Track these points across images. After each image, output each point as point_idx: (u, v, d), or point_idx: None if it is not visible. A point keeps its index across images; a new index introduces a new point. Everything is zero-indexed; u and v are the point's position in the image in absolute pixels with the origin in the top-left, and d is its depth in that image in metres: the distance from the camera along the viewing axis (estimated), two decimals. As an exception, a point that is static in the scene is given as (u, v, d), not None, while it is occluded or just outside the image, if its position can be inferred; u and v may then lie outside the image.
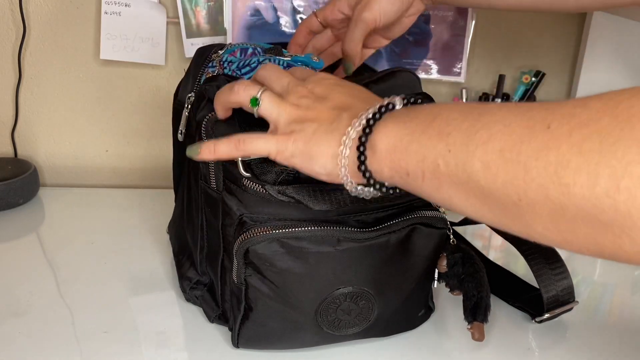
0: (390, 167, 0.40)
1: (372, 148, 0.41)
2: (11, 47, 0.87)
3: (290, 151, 0.44)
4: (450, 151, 0.36)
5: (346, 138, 0.42)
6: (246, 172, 0.50)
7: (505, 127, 0.33)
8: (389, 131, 0.40)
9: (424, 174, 0.38)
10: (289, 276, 0.52)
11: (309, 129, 0.44)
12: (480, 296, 0.55)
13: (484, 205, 0.35)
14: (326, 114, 0.44)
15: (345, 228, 0.51)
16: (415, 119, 0.39)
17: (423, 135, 0.38)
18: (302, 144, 0.44)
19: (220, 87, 0.51)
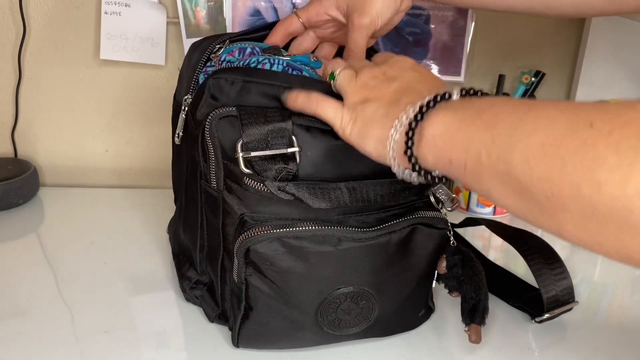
0: (435, 154, 0.41)
1: (420, 134, 0.41)
2: (11, 47, 0.88)
3: (349, 130, 0.47)
4: (494, 142, 0.36)
5: (398, 122, 0.43)
6: (247, 169, 0.50)
7: (550, 122, 0.33)
8: (439, 119, 0.40)
9: (466, 163, 0.38)
10: (290, 276, 0.52)
11: (369, 110, 0.45)
12: (479, 299, 0.55)
13: (520, 199, 0.35)
14: (388, 96, 0.45)
15: (346, 228, 0.51)
16: (467, 109, 0.40)
17: (471, 126, 0.38)
18: (360, 124, 0.46)
19: (220, 80, 0.52)
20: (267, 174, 0.50)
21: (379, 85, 0.46)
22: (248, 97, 0.52)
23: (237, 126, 0.51)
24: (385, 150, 0.44)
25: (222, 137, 0.52)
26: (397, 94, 0.45)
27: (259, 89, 0.52)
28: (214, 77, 0.52)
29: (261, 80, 0.52)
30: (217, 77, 0.52)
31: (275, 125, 0.51)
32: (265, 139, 0.51)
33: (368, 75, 0.48)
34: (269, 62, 0.58)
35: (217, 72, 0.53)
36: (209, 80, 0.53)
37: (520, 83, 0.93)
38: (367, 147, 0.46)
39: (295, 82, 0.52)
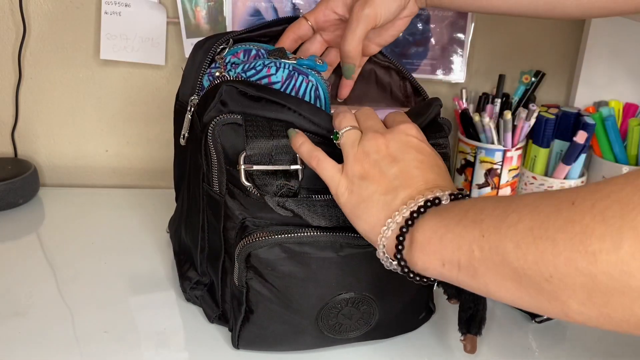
0: (424, 260, 0.41)
1: (411, 239, 0.42)
2: (11, 47, 0.87)
3: (344, 200, 0.47)
4: (484, 236, 0.37)
5: (392, 222, 0.43)
6: (248, 182, 0.50)
7: (534, 208, 0.35)
8: (426, 225, 0.41)
9: (460, 262, 0.39)
10: (291, 281, 0.52)
11: (366, 191, 0.46)
12: (477, 309, 0.54)
13: (519, 287, 0.35)
14: (387, 181, 0.45)
15: (347, 234, 0.51)
16: (451, 211, 0.41)
17: (458, 226, 0.39)
18: (355, 201, 0.46)
19: (232, 88, 0.52)
20: (268, 189, 0.50)
21: (380, 164, 0.46)
22: (255, 109, 0.52)
23: (241, 134, 0.51)
24: (376, 238, 0.45)
25: (225, 142, 0.52)
26: (395, 182, 0.45)
27: (269, 106, 0.52)
28: (228, 84, 0.52)
29: (272, 98, 0.52)
30: (231, 85, 0.52)
31: (280, 140, 0.51)
32: (269, 154, 0.50)
33: (371, 146, 0.47)
34: (275, 66, 0.57)
35: (232, 80, 0.53)
36: (223, 87, 0.52)
37: (520, 83, 0.93)
38: (357, 225, 0.47)
39: (305, 110, 0.52)
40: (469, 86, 0.95)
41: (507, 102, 0.90)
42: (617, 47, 0.93)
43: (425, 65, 0.92)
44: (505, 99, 0.90)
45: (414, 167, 0.46)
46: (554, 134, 0.89)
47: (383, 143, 0.47)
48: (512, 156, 0.86)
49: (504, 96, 0.90)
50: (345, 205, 0.47)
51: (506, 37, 0.95)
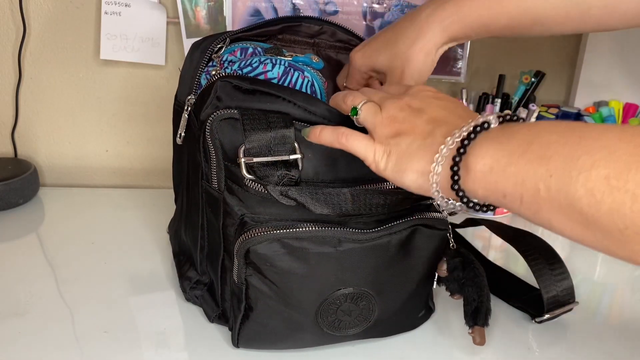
0: (486, 188, 0.40)
1: (466, 168, 0.41)
2: (11, 47, 0.87)
3: (384, 164, 0.46)
4: (552, 176, 0.35)
5: (439, 156, 0.42)
6: (249, 174, 0.50)
7: (610, 154, 0.33)
8: (485, 153, 0.40)
9: (522, 197, 0.38)
10: (290, 276, 0.52)
11: (403, 143, 0.45)
12: (481, 300, 0.55)
13: (586, 230, 0.35)
14: (421, 128, 0.45)
15: (346, 229, 0.51)
16: (512, 140, 0.39)
17: (521, 159, 0.37)
18: (395, 159, 0.45)
19: (227, 83, 0.52)
20: (269, 180, 0.50)
21: (408, 118, 0.46)
22: (251, 102, 0.52)
23: (239, 129, 0.51)
24: (427, 183, 0.43)
25: (223, 138, 0.52)
26: (430, 125, 0.44)
27: (265, 98, 0.52)
28: (222, 80, 0.53)
29: (267, 90, 0.52)
30: (225, 81, 0.52)
31: (277, 132, 0.51)
32: (268, 145, 0.51)
33: (394, 108, 0.47)
34: (271, 62, 0.58)
35: (226, 75, 0.54)
36: (217, 83, 0.53)
37: (520, 83, 0.93)
38: (405, 181, 0.45)
39: (299, 99, 0.52)
40: (469, 86, 0.96)
41: (507, 102, 0.90)
42: (617, 47, 0.93)
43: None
44: (505, 99, 0.90)
45: (442, 109, 0.46)
46: (554, 134, 0.89)
47: (404, 102, 0.47)
48: (512, 156, 0.86)
49: (504, 96, 0.91)
50: (386, 168, 0.46)
51: (506, 37, 0.95)
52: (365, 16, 0.88)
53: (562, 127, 0.37)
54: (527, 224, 0.91)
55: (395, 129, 0.46)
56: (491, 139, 0.40)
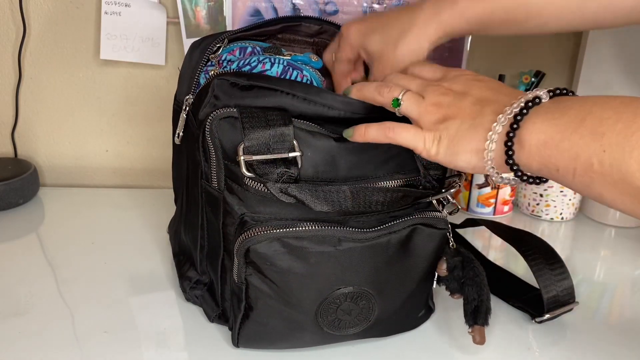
0: (540, 162, 0.41)
1: (520, 143, 0.42)
2: (11, 47, 0.88)
3: (434, 150, 0.47)
4: (605, 151, 0.37)
5: (492, 133, 0.43)
6: (248, 172, 0.50)
7: None
8: (538, 127, 0.41)
9: (575, 171, 0.39)
10: (290, 276, 0.52)
11: (452, 127, 0.45)
12: (481, 300, 0.55)
13: (637, 203, 0.36)
14: (468, 110, 0.45)
15: (346, 228, 0.51)
16: (565, 115, 0.40)
17: (575, 134, 0.38)
18: (447, 142, 0.46)
19: (224, 81, 0.52)
20: (269, 177, 0.50)
21: (454, 102, 0.46)
22: (250, 99, 0.52)
23: (238, 127, 0.51)
24: (482, 161, 0.44)
25: (223, 137, 0.52)
26: (477, 106, 0.45)
27: (263, 92, 0.52)
28: (219, 78, 0.52)
29: (265, 85, 0.52)
30: (221, 78, 0.52)
31: (276, 129, 0.51)
32: (267, 143, 0.51)
33: (437, 94, 0.47)
34: (270, 62, 0.58)
35: (223, 73, 0.53)
36: (214, 81, 0.52)
37: (520, 83, 0.93)
38: (459, 162, 0.46)
39: (298, 90, 0.52)
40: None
41: (507, 102, 0.90)
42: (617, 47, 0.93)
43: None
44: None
45: (486, 90, 0.46)
46: (554, 133, 0.89)
47: (445, 88, 0.47)
48: (512, 156, 0.86)
49: (504, 96, 0.90)
50: (439, 153, 0.46)
51: (506, 38, 0.95)
52: (365, 16, 0.88)
53: (615, 103, 0.38)
54: (526, 224, 0.91)
55: (442, 114, 0.46)
56: (544, 114, 0.41)
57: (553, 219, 0.92)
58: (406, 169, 0.55)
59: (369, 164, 0.53)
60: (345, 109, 0.52)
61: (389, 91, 0.50)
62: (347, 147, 0.52)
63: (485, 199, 0.90)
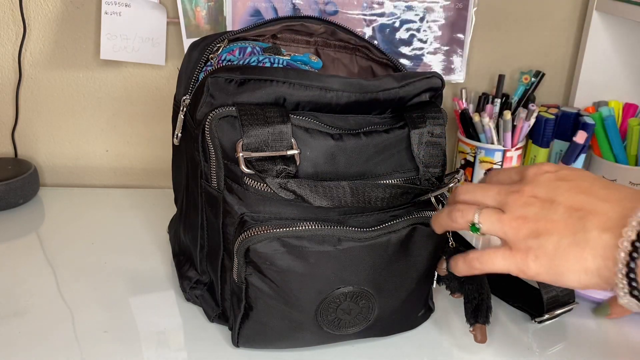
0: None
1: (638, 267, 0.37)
2: (11, 47, 0.88)
3: (534, 270, 0.41)
4: None
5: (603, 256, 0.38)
6: (248, 169, 0.50)
7: None
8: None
9: None
10: (290, 275, 0.52)
11: (549, 244, 0.40)
12: (481, 298, 0.55)
13: None
14: (562, 223, 0.40)
15: (345, 228, 0.51)
16: None
17: None
18: (547, 261, 0.41)
19: (218, 79, 0.52)
20: (268, 174, 0.50)
21: (542, 213, 0.41)
22: (246, 94, 0.52)
23: (237, 126, 0.51)
24: (595, 280, 0.39)
25: (222, 137, 0.52)
26: (571, 218, 0.40)
27: (258, 85, 0.52)
28: (212, 76, 0.52)
29: (259, 77, 0.52)
30: (215, 76, 0.52)
31: (275, 127, 0.51)
32: (265, 141, 0.51)
33: (519, 205, 0.42)
34: (269, 62, 0.58)
35: (215, 71, 0.53)
36: (207, 80, 0.52)
37: (520, 83, 0.93)
38: (567, 282, 0.40)
39: (293, 77, 0.52)
40: (468, 86, 0.96)
41: (507, 102, 0.90)
42: (617, 47, 0.93)
43: (425, 65, 0.92)
44: (504, 99, 0.90)
45: (576, 194, 0.41)
46: (554, 134, 0.89)
47: (528, 196, 0.42)
48: (511, 156, 0.86)
49: (504, 96, 0.91)
50: (539, 274, 0.41)
51: (506, 37, 0.95)
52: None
53: None
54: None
55: (532, 229, 0.41)
56: None
57: (553, 219, 0.91)
58: (405, 167, 0.55)
59: (368, 163, 0.53)
60: (342, 88, 0.53)
61: (462, 215, 0.45)
62: (346, 145, 0.52)
63: (485, 199, 0.90)
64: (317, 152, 0.52)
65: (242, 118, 0.51)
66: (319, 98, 0.52)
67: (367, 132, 0.54)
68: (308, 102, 0.52)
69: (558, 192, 0.42)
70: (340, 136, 0.53)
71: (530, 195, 0.42)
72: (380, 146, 0.54)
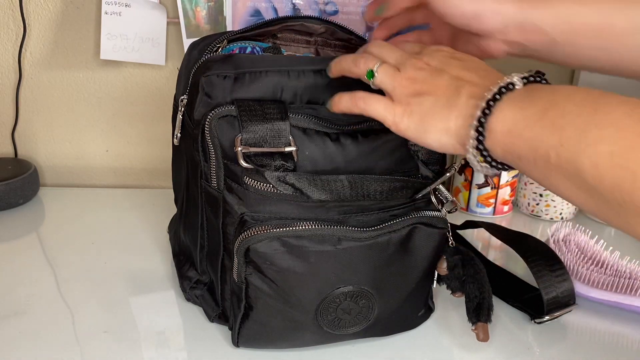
0: (504, 149, 0.41)
1: (489, 128, 0.42)
2: (11, 47, 0.88)
3: (405, 124, 0.46)
4: (563, 145, 0.37)
5: (465, 115, 0.43)
6: (247, 163, 0.50)
7: (618, 131, 0.34)
8: (506, 115, 0.41)
9: (535, 161, 0.39)
10: (290, 275, 0.52)
11: (426, 103, 0.45)
12: (483, 297, 0.55)
13: (589, 199, 0.37)
14: (443, 87, 0.45)
15: (345, 227, 0.51)
16: (532, 105, 0.40)
17: (537, 124, 0.39)
18: (418, 118, 0.45)
19: (211, 77, 0.52)
20: (266, 169, 0.50)
21: (429, 78, 0.46)
22: (242, 88, 0.52)
23: (237, 125, 0.51)
24: (450, 142, 0.44)
25: (222, 136, 0.52)
26: (452, 85, 0.45)
27: (253, 78, 0.52)
28: (205, 75, 0.52)
29: (251, 69, 0.52)
30: (207, 75, 0.52)
31: (273, 124, 0.51)
32: (264, 137, 0.51)
33: (413, 68, 0.47)
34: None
35: (206, 66, 0.53)
36: (201, 79, 0.53)
37: (520, 83, 0.93)
38: (428, 140, 0.45)
39: (284, 63, 0.52)
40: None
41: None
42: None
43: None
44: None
45: (463, 69, 0.45)
46: (554, 134, 0.89)
47: (423, 62, 0.47)
48: (512, 156, 0.86)
49: (504, 96, 0.90)
50: (409, 128, 0.46)
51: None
52: (365, 16, 0.88)
53: (580, 96, 0.38)
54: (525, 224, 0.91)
55: (416, 89, 0.46)
56: (513, 102, 0.41)
57: (553, 218, 0.92)
58: (405, 166, 0.55)
59: (368, 162, 0.54)
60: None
61: (364, 62, 0.49)
62: (344, 147, 0.52)
63: (485, 199, 0.90)
64: (315, 152, 0.52)
65: (241, 114, 0.51)
66: (315, 85, 0.52)
67: (365, 133, 0.54)
68: (305, 89, 0.52)
69: (448, 65, 0.46)
70: (337, 136, 0.53)
71: (425, 63, 0.47)
72: (379, 146, 0.54)
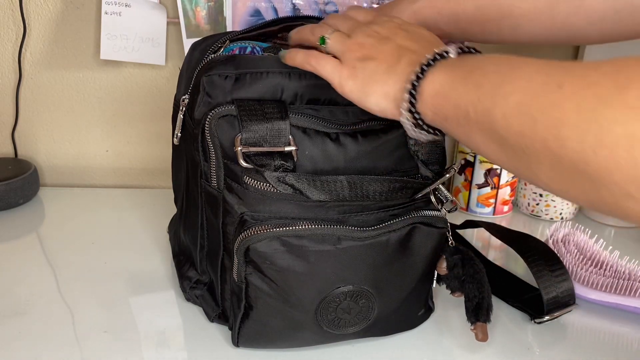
0: (433, 111, 0.43)
1: (421, 92, 0.44)
2: (11, 47, 0.88)
3: (349, 86, 0.48)
4: (480, 100, 0.39)
5: (402, 80, 0.45)
6: (246, 163, 0.50)
7: (527, 82, 0.37)
8: (436, 78, 0.43)
9: (458, 119, 0.41)
10: (290, 274, 0.52)
11: (369, 67, 0.47)
12: (482, 297, 0.55)
13: (503, 151, 0.39)
14: (387, 54, 0.47)
15: (345, 227, 0.51)
16: (459, 68, 0.42)
17: (461, 84, 0.41)
18: (361, 82, 0.48)
19: (212, 76, 0.52)
20: (266, 169, 0.50)
21: (376, 44, 0.48)
22: (243, 89, 0.52)
23: (237, 125, 0.51)
24: (390, 106, 0.46)
25: (222, 136, 0.52)
26: (396, 52, 0.47)
27: (254, 79, 0.52)
28: (206, 74, 0.53)
29: (254, 70, 0.52)
30: (209, 75, 0.52)
31: (273, 123, 0.51)
32: (264, 137, 0.51)
33: (362, 35, 0.49)
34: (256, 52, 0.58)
35: (208, 67, 0.53)
36: (202, 79, 0.53)
37: (520, 83, 0.93)
38: (368, 103, 0.48)
39: (287, 66, 0.52)
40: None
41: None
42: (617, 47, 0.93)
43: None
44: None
45: (408, 39, 0.48)
46: (554, 134, 0.89)
47: (372, 30, 0.49)
48: (512, 156, 0.86)
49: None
50: (352, 91, 0.48)
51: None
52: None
53: (503, 59, 0.40)
54: (525, 224, 0.91)
55: (363, 54, 0.48)
56: (445, 67, 0.43)
57: (553, 218, 0.92)
58: (405, 166, 0.55)
59: (368, 162, 0.54)
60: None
61: (319, 31, 0.52)
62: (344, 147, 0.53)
63: (484, 199, 0.90)
64: (315, 152, 0.52)
65: (241, 113, 0.51)
66: (316, 86, 0.53)
67: (365, 133, 0.54)
68: (305, 90, 0.53)
69: (395, 34, 0.49)
70: (337, 136, 0.53)
71: (374, 31, 0.50)
72: (379, 146, 0.54)
